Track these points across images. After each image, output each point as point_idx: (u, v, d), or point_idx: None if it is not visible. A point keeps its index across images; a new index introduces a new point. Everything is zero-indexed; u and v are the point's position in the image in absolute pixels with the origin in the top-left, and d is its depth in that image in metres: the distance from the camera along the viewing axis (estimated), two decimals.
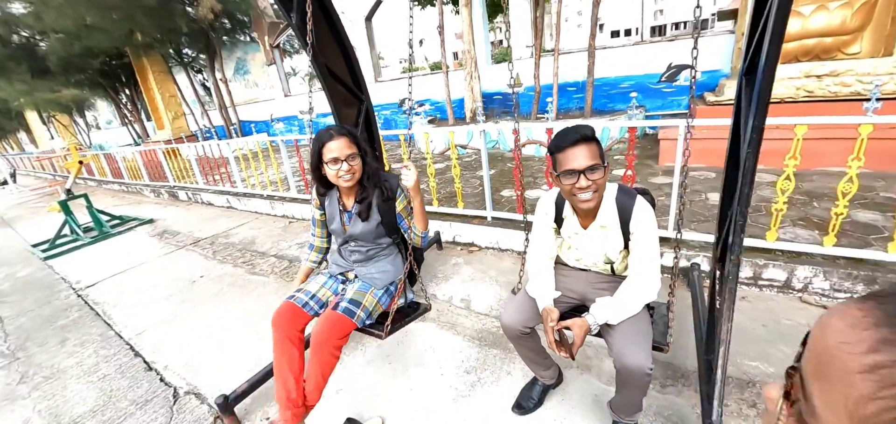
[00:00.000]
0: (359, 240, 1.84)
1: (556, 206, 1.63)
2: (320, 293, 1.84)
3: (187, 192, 7.45)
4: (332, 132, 1.67)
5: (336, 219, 1.84)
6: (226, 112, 12.32)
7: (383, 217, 1.80)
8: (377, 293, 1.84)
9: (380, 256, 1.89)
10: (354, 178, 1.70)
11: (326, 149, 1.65)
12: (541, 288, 1.60)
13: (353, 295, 1.76)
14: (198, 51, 12.74)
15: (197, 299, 3.47)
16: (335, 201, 1.84)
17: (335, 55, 2.38)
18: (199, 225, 5.81)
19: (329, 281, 1.91)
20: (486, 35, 8.13)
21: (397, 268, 1.92)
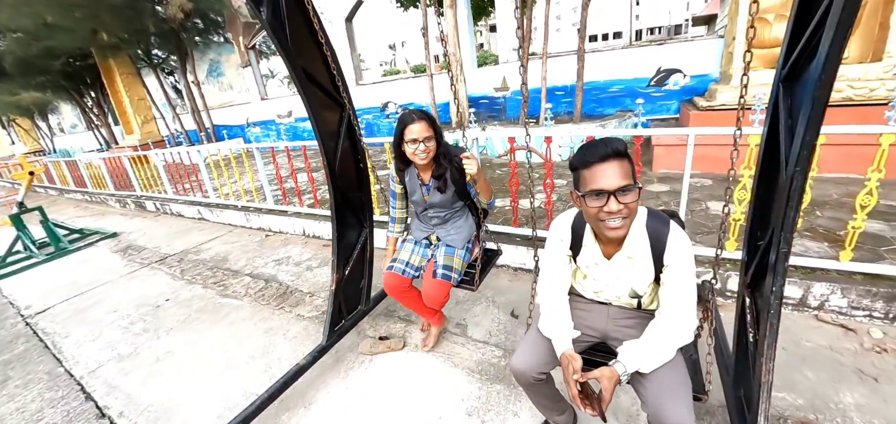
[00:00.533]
0: (437, 207, 2.09)
1: (574, 232, 1.41)
2: (413, 259, 2.16)
3: (155, 203, 6.97)
4: (415, 116, 1.89)
5: (417, 191, 2.10)
6: (198, 116, 11.76)
7: (456, 186, 2.03)
8: (461, 253, 2.12)
9: (455, 217, 2.14)
10: (429, 157, 1.93)
11: (408, 131, 1.88)
12: (558, 327, 1.38)
13: (445, 261, 2.06)
14: (168, 52, 12.14)
15: (161, 327, 3.11)
16: (415, 176, 2.09)
17: (313, 56, 2.11)
18: (168, 239, 5.39)
19: (416, 248, 2.20)
20: (471, 37, 7.94)
21: (471, 226, 2.17)
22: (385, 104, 9.95)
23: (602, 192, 1.16)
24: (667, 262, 1.28)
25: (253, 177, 5.13)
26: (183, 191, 6.52)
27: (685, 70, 6.04)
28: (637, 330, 1.37)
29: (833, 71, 1.14)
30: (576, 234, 1.40)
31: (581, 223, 1.39)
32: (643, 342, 1.26)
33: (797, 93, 1.37)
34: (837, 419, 1.73)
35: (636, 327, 1.39)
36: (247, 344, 2.71)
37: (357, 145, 2.40)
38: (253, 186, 5.12)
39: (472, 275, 2.13)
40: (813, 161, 1.96)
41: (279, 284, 3.54)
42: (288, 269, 3.84)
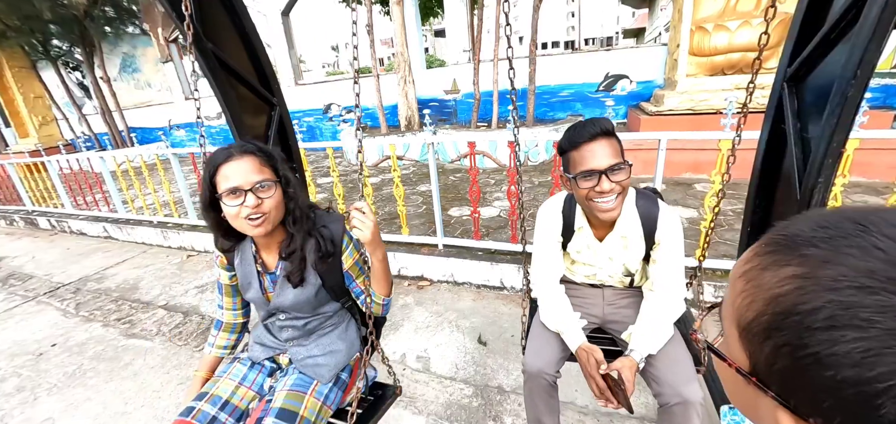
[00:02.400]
0: (292, 313, 1.25)
1: (564, 216, 1.37)
2: (236, 397, 1.22)
3: (51, 219, 5.88)
4: (232, 150, 1.08)
5: (254, 285, 1.23)
6: (110, 117, 10.32)
7: (325, 279, 1.21)
8: (322, 390, 1.23)
9: (324, 328, 1.29)
10: (267, 221, 1.08)
11: (221, 176, 1.05)
12: (565, 319, 1.32)
13: (285, 402, 1.15)
14: (70, 43, 10.53)
15: (41, 383, 2.45)
16: (249, 256, 1.23)
17: (234, 46, 1.68)
18: (63, 264, 4.49)
19: (250, 375, 1.28)
20: (419, 37, 7.64)
21: (351, 343, 1.33)
22: (328, 106, 9.34)
23: (593, 172, 1.14)
24: (658, 239, 1.28)
25: (169, 188, 4.41)
26: (85, 204, 5.54)
27: (632, 76, 6.21)
28: (632, 309, 1.37)
29: (870, 66, 0.98)
30: (566, 219, 1.37)
31: (570, 207, 1.36)
32: (649, 324, 1.25)
33: (811, 95, 1.21)
34: None
35: (631, 307, 1.39)
36: (155, 402, 2.17)
37: (291, 151, 1.99)
38: (171, 199, 4.41)
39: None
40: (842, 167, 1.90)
41: (201, 317, 2.97)
42: (212, 297, 3.26)
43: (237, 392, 1.23)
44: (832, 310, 0.26)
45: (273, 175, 1.11)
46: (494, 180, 5.25)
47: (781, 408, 0.30)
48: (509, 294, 2.85)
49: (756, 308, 0.31)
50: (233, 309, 1.34)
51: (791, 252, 0.31)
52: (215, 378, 1.27)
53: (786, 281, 0.29)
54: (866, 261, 0.26)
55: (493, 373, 2.10)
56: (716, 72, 4.99)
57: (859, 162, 2.24)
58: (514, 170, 2.82)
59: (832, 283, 0.27)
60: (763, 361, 0.31)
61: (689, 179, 4.50)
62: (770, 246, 0.33)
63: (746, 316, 0.32)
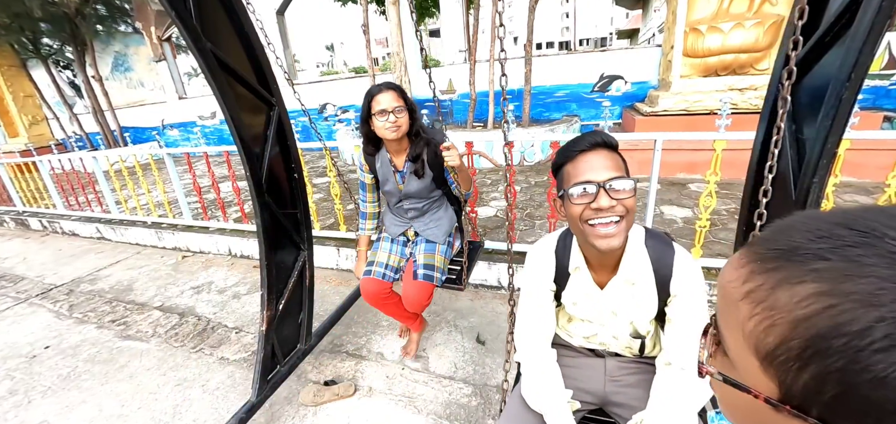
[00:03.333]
0: (414, 198, 1.88)
1: (557, 257, 1.11)
2: (391, 260, 1.93)
3: (42, 220, 5.80)
4: (382, 86, 1.69)
5: (390, 180, 1.87)
6: (102, 116, 10.20)
7: (434, 172, 1.82)
8: (443, 249, 1.91)
9: (433, 208, 1.93)
10: (400, 131, 1.70)
11: (376, 102, 1.67)
12: (551, 398, 1.05)
13: (425, 259, 1.85)
14: (62, 41, 10.39)
15: (35, 386, 2.42)
16: (386, 162, 1.84)
17: (232, 45, 1.67)
18: (55, 265, 4.44)
19: (394, 247, 1.97)
20: (415, 37, 7.64)
21: (451, 216, 1.96)
22: (323, 105, 9.31)
23: (589, 183, 0.92)
24: (674, 292, 1.02)
25: (163, 188, 4.38)
26: (77, 205, 5.48)
27: (627, 76, 6.26)
28: (642, 388, 1.10)
29: (864, 69, 1.00)
30: (560, 262, 1.11)
31: (565, 247, 1.11)
32: (662, 411, 0.99)
33: (806, 96, 1.24)
34: None
35: (641, 385, 1.11)
36: (152, 404, 2.16)
37: (290, 151, 1.99)
38: (165, 199, 4.37)
39: (456, 272, 1.97)
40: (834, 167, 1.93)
41: (198, 318, 2.95)
42: (209, 298, 3.24)
43: (390, 257, 1.94)
44: (888, 328, 0.24)
45: (404, 103, 1.68)
46: (491, 180, 5.27)
47: None
48: (507, 293, 2.85)
49: (779, 333, 0.29)
50: (373, 202, 2.03)
51: (798, 267, 0.29)
52: (372, 251, 1.99)
53: (809, 301, 0.27)
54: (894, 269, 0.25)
55: (491, 372, 2.11)
56: (709, 73, 5.05)
57: (850, 162, 2.28)
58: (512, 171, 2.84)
59: (872, 298, 0.25)
60: (801, 388, 0.29)
61: (684, 179, 4.55)
62: (768, 262, 0.31)
63: (767, 343, 0.30)
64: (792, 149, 1.25)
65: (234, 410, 1.80)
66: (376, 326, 2.59)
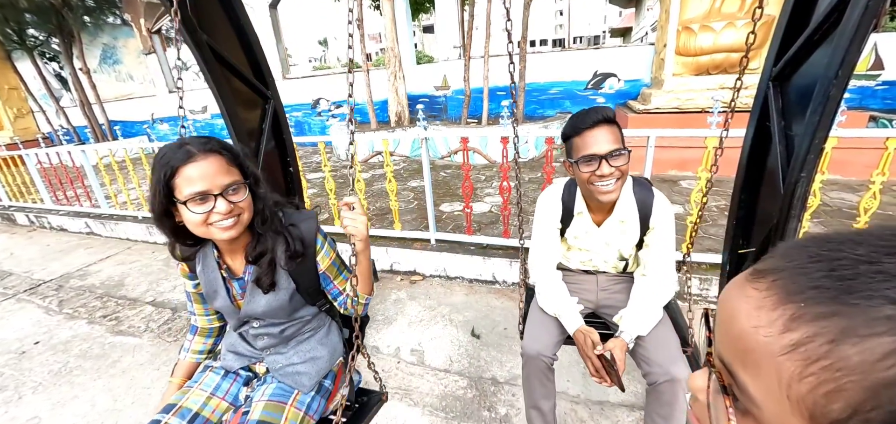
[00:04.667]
0: (265, 320, 1.15)
1: (564, 202, 1.42)
2: (207, 409, 1.12)
3: (29, 215, 5.71)
4: (191, 148, 0.94)
5: (221, 293, 1.12)
6: (89, 110, 10.03)
7: (299, 282, 1.12)
8: (304, 399, 1.15)
9: (303, 334, 1.21)
10: (239, 225, 1.00)
11: (183, 178, 0.92)
12: (564, 304, 1.37)
13: (264, 413, 1.06)
14: (48, 32, 10.19)
15: (25, 382, 2.39)
16: (212, 263, 1.11)
17: (227, 37, 1.67)
18: (43, 260, 4.37)
19: (223, 384, 1.18)
20: (410, 33, 7.62)
21: (333, 348, 1.24)
22: (316, 100, 9.25)
23: (594, 157, 1.20)
24: (652, 225, 1.35)
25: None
26: (65, 199, 5.39)
27: (620, 74, 6.31)
28: (624, 294, 1.43)
29: (851, 66, 1.03)
30: (566, 206, 1.42)
31: (570, 194, 1.41)
32: (639, 307, 1.31)
33: (795, 93, 1.27)
34: None
35: (624, 292, 1.45)
36: (146, 399, 2.15)
37: (285, 145, 1.98)
38: None
39: None
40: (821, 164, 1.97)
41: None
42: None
43: (209, 404, 1.13)
44: None
45: (241, 175, 1.01)
46: (484, 176, 5.29)
47: None
48: (502, 288, 2.88)
49: (849, 399, 0.23)
50: (205, 315, 1.25)
51: (865, 312, 0.23)
52: (185, 388, 1.17)
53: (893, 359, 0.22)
54: None
55: (487, 365, 2.13)
56: (701, 71, 5.11)
57: (836, 160, 2.33)
58: (508, 166, 2.86)
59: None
60: None
61: (675, 176, 4.60)
62: (818, 305, 0.25)
63: (831, 411, 0.24)
64: (781, 145, 1.28)
65: None
66: (371, 321, 2.60)
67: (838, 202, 3.57)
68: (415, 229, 3.35)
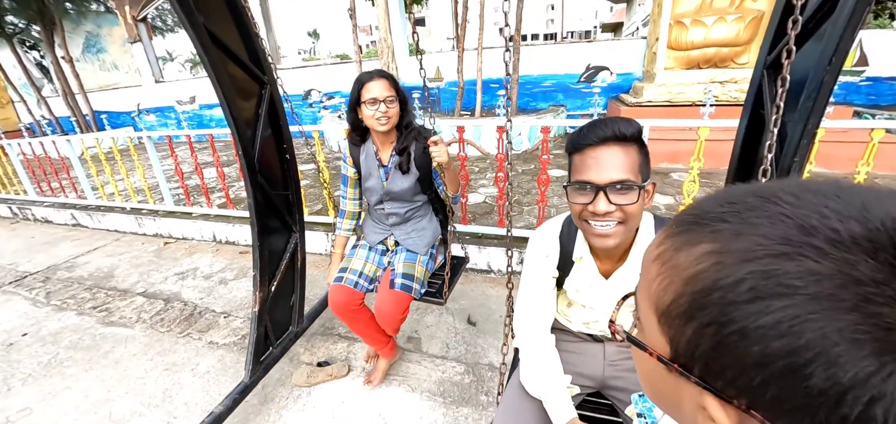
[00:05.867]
0: (396, 199, 1.73)
1: (562, 243, 1.09)
2: (367, 269, 1.78)
3: (12, 207, 5.57)
4: (374, 73, 1.59)
5: (373, 175, 1.72)
6: (73, 100, 9.79)
7: (421, 171, 1.69)
8: (424, 260, 1.77)
9: (416, 216, 1.79)
10: (390, 123, 1.60)
11: (366, 89, 1.57)
12: (553, 387, 1.02)
13: (404, 268, 1.70)
14: (28, 20, 9.89)
15: (14, 374, 2.35)
16: (371, 154, 1.72)
17: (224, 20, 1.64)
18: (28, 252, 4.28)
19: (371, 255, 1.82)
20: (403, 23, 7.56)
21: (434, 227, 1.82)
22: (307, 92, 9.15)
23: (588, 185, 0.88)
24: None
25: (144, 174, 4.25)
26: (50, 191, 5.27)
27: (612, 68, 6.36)
28: None
29: (844, 54, 1.06)
30: (564, 248, 1.09)
31: (570, 234, 1.08)
32: None
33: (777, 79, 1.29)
34: None
35: None
36: (140, 388, 2.13)
37: (282, 132, 1.97)
38: (145, 184, 4.25)
39: (437, 286, 1.81)
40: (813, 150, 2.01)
41: (184, 304, 2.90)
42: (195, 284, 3.19)
43: (366, 266, 1.78)
44: (755, 281, 0.25)
45: (396, 94, 1.58)
46: (478, 168, 5.30)
47: (707, 393, 0.28)
48: (496, 277, 2.91)
49: (674, 289, 0.30)
50: (354, 199, 1.86)
51: (701, 229, 0.30)
52: (347, 257, 1.82)
53: (702, 259, 0.28)
54: (777, 229, 0.26)
55: (483, 351, 2.15)
56: (692, 65, 5.17)
57: (822, 153, 2.38)
58: (504, 156, 2.87)
59: (749, 254, 0.26)
60: (685, 345, 0.29)
61: (666, 168, 4.67)
62: (680, 226, 0.32)
63: (664, 300, 0.31)
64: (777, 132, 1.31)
65: (226, 392, 1.79)
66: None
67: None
68: None
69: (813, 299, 0.23)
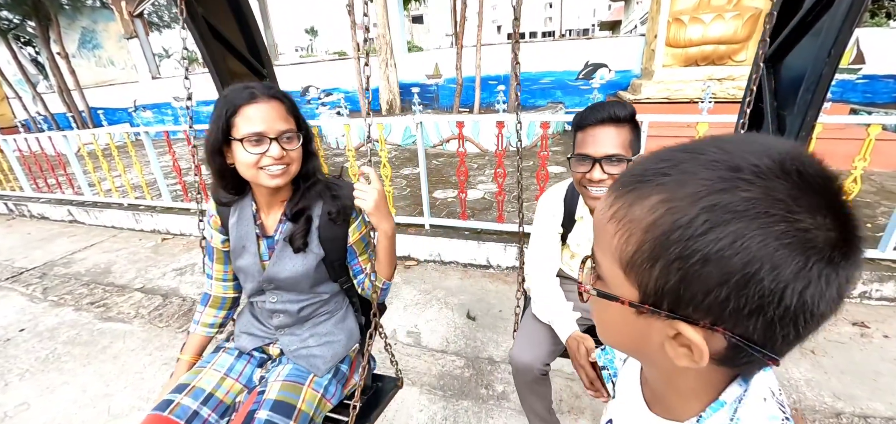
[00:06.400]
0: (285, 290, 1.10)
1: (566, 205, 1.34)
2: (221, 390, 1.08)
3: (8, 203, 5.53)
4: (255, 90, 0.97)
5: (250, 248, 1.09)
6: (68, 96, 9.73)
7: (328, 249, 1.09)
8: (321, 381, 1.11)
9: (320, 315, 1.16)
10: (288, 173, 1.01)
11: (243, 117, 0.95)
12: (559, 310, 1.26)
13: (281, 393, 1.03)
14: (22, 15, 9.81)
15: (11, 369, 2.34)
16: (248, 215, 1.10)
17: (223, 12, 1.64)
18: (25, 249, 4.25)
19: (237, 365, 1.15)
20: (401, 19, 7.55)
21: (350, 332, 1.20)
22: (305, 88, 9.12)
23: (586, 158, 1.11)
24: None
25: (141, 170, 4.23)
26: (47, 187, 5.24)
27: (611, 65, 6.37)
28: None
29: (842, 48, 1.06)
30: (568, 208, 1.33)
31: (573, 195, 1.32)
32: None
33: (787, 75, 1.30)
34: (794, 395, 1.78)
35: None
36: (139, 383, 2.12)
37: None
38: (143, 180, 4.23)
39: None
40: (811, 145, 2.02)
41: (182, 299, 2.90)
42: (193, 280, 3.18)
43: (222, 385, 1.09)
44: (706, 215, 0.30)
45: (296, 125, 1.02)
46: (477, 165, 5.31)
47: (678, 321, 0.34)
48: (496, 272, 2.92)
49: (635, 240, 0.34)
50: (223, 280, 1.20)
51: (647, 184, 0.34)
52: (197, 368, 1.12)
53: (655, 208, 0.33)
54: (713, 172, 0.31)
55: (483, 345, 2.16)
56: (690, 62, 5.18)
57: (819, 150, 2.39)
58: (502, 152, 2.87)
59: (696, 196, 0.31)
60: (652, 285, 0.34)
61: None
62: (626, 186, 0.37)
63: (628, 251, 0.35)
64: (773, 124, 1.32)
65: None
66: None
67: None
68: (409, 215, 3.36)
69: (752, 219, 0.29)
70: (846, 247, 0.30)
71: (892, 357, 1.95)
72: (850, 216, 0.31)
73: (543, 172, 2.67)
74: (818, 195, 0.30)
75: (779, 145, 0.32)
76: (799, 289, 0.29)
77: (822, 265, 0.29)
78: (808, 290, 0.29)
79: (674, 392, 0.43)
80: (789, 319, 0.31)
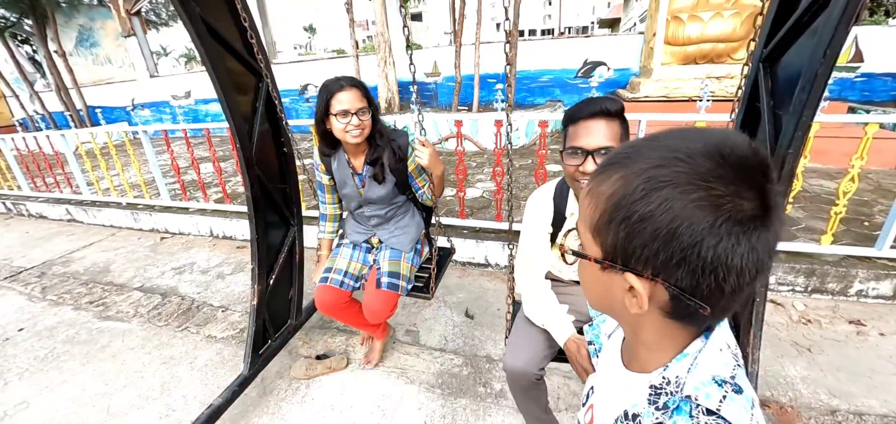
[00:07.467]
0: (375, 204, 1.74)
1: (555, 203, 1.31)
2: (351, 267, 1.79)
3: (6, 202, 5.52)
4: (343, 82, 1.52)
5: (348, 183, 1.72)
6: (66, 94, 9.69)
7: (397, 177, 1.69)
8: (409, 256, 1.78)
9: (398, 215, 1.80)
10: (363, 135, 1.56)
11: (336, 101, 1.50)
12: (553, 313, 1.26)
13: (390, 267, 1.72)
14: (19, 13, 9.77)
15: (10, 369, 2.34)
16: (344, 163, 1.70)
17: (220, 10, 1.63)
18: (23, 248, 4.25)
19: (355, 253, 1.83)
20: (400, 18, 7.52)
21: (418, 222, 1.85)
22: (304, 86, 9.10)
23: (578, 150, 1.11)
24: None
25: (140, 169, 4.22)
26: (45, 186, 5.23)
27: (609, 63, 6.36)
28: None
29: (838, 48, 1.07)
30: (557, 207, 1.31)
31: (563, 194, 1.31)
32: None
33: (783, 74, 1.31)
34: (789, 393, 1.79)
35: None
36: (138, 382, 2.13)
37: (279, 125, 1.96)
38: (141, 179, 4.23)
39: (424, 280, 1.83)
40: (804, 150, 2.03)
41: (181, 298, 2.90)
42: (192, 279, 3.19)
43: (351, 265, 1.79)
44: (644, 184, 0.39)
45: (368, 103, 1.54)
46: (476, 163, 5.31)
47: (628, 273, 0.42)
48: (494, 271, 2.92)
49: (600, 208, 0.43)
50: (333, 204, 1.86)
51: (614, 166, 0.43)
52: (332, 256, 1.83)
53: (615, 182, 0.42)
54: (657, 153, 0.40)
55: (481, 344, 2.17)
56: (689, 61, 5.19)
57: (817, 148, 2.40)
58: (500, 151, 2.87)
59: (640, 170, 0.40)
60: (609, 244, 0.43)
61: None
62: (601, 170, 0.45)
63: (594, 218, 0.44)
64: (770, 124, 1.32)
65: (225, 385, 1.80)
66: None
67: (817, 188, 3.69)
68: None
69: (677, 187, 0.37)
70: (759, 214, 0.37)
71: (887, 355, 1.96)
72: (766, 190, 0.38)
73: (542, 171, 2.67)
74: (736, 171, 0.37)
75: (718, 135, 0.40)
76: (712, 244, 0.37)
77: (731, 224, 0.36)
78: (720, 244, 0.37)
79: (641, 345, 0.51)
80: (709, 270, 0.38)
